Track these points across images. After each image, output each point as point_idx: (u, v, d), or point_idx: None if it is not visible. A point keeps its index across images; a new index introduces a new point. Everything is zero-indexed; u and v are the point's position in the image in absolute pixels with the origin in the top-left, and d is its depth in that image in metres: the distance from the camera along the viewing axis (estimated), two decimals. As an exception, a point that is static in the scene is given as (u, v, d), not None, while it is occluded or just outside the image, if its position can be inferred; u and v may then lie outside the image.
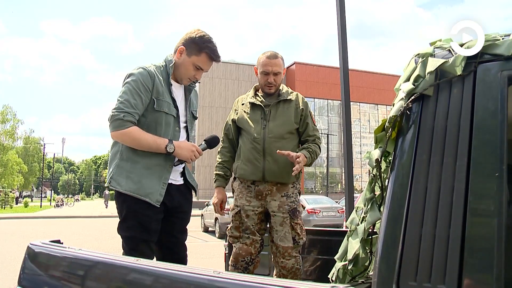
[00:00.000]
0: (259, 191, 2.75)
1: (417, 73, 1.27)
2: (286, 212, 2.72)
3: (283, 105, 2.83)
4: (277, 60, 2.80)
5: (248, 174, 2.76)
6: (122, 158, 2.32)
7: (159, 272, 1.41)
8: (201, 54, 2.39)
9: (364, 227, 1.44)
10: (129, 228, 2.26)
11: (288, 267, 2.68)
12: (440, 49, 1.30)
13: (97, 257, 1.58)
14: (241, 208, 2.77)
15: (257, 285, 1.21)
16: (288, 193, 2.77)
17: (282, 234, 2.70)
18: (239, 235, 2.77)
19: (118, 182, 2.28)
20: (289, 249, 2.68)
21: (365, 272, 1.52)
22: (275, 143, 2.72)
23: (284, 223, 2.71)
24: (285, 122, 2.79)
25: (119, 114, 2.22)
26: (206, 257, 8.74)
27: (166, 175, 2.35)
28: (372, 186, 1.46)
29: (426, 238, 1.11)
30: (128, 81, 2.30)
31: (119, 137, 2.28)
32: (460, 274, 1.04)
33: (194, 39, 2.38)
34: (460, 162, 1.12)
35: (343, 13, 5.27)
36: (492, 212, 1.06)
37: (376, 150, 1.39)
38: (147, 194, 2.26)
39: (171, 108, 2.37)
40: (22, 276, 1.73)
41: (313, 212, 15.59)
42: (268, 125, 2.76)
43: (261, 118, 2.79)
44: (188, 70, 2.41)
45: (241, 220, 2.76)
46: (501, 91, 1.12)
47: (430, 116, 1.21)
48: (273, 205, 2.74)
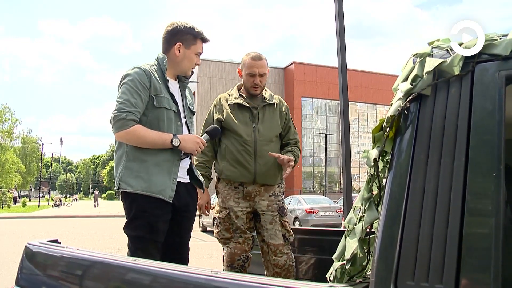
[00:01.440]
0: (248, 192, 2.79)
1: (415, 73, 1.27)
2: (275, 211, 2.79)
3: (269, 108, 2.88)
4: (262, 62, 2.84)
5: (236, 176, 2.78)
6: (129, 159, 2.31)
7: (158, 272, 1.41)
8: (197, 41, 2.47)
9: (362, 227, 1.44)
10: (137, 227, 2.25)
11: (281, 264, 2.71)
12: (438, 49, 1.30)
13: (95, 257, 1.58)
14: (230, 210, 2.78)
15: (255, 285, 1.21)
16: (275, 193, 2.84)
17: (273, 232, 2.76)
18: (230, 236, 2.79)
19: (128, 183, 2.26)
20: (280, 246, 2.73)
21: (363, 271, 1.52)
22: (265, 146, 2.78)
23: (274, 221, 2.77)
24: (273, 125, 2.86)
25: (121, 114, 2.22)
26: (204, 257, 8.73)
27: (176, 170, 2.36)
28: (370, 186, 1.46)
29: (424, 238, 1.11)
30: (125, 81, 2.31)
31: (124, 137, 2.26)
32: (458, 274, 1.04)
33: (185, 31, 2.43)
34: (458, 161, 1.12)
35: (341, 13, 5.28)
36: (489, 211, 1.06)
37: (374, 149, 1.39)
38: (160, 191, 2.26)
39: (170, 104, 2.37)
40: (20, 276, 1.73)
41: (311, 211, 15.61)
42: (258, 128, 2.80)
43: (250, 120, 2.82)
44: (192, 60, 2.48)
45: (231, 222, 2.78)
46: (499, 91, 1.12)
47: (428, 115, 1.21)
48: (262, 205, 2.79)
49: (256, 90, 2.85)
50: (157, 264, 1.46)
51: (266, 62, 2.88)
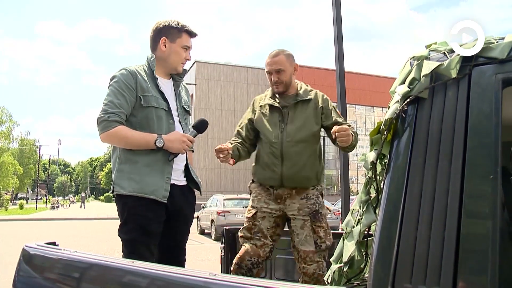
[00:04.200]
0: (278, 194, 2.64)
1: (413, 76, 1.27)
2: (307, 215, 2.60)
3: (301, 106, 2.68)
4: (277, 58, 2.67)
5: (265, 179, 2.66)
6: (121, 162, 2.32)
7: (155, 274, 1.41)
8: (182, 34, 2.46)
9: (359, 229, 1.44)
10: (129, 231, 2.25)
11: (310, 273, 2.53)
12: (435, 52, 1.31)
13: (93, 259, 1.57)
14: (258, 210, 2.66)
15: (252, 287, 1.20)
16: (308, 195, 2.65)
17: (303, 238, 2.58)
18: (250, 236, 2.65)
19: (120, 185, 2.27)
20: (311, 253, 2.55)
21: (360, 274, 1.52)
22: (293, 148, 2.60)
23: (305, 226, 2.59)
24: (304, 124, 2.64)
25: (104, 115, 2.24)
26: (202, 259, 8.71)
27: (169, 170, 2.34)
28: (367, 189, 1.47)
29: (421, 240, 1.11)
30: (111, 83, 2.33)
31: (107, 138, 2.27)
32: (455, 276, 1.04)
33: (169, 26, 2.44)
34: (455, 164, 1.13)
35: (339, 16, 5.29)
36: (487, 214, 1.06)
37: (372, 152, 1.39)
38: (152, 191, 2.25)
39: (159, 102, 2.36)
40: (17, 278, 1.72)
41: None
42: (286, 128, 2.63)
43: (279, 120, 2.67)
44: (180, 54, 2.46)
45: (255, 222, 2.65)
46: (496, 93, 1.13)
47: (425, 118, 1.22)
48: (293, 208, 2.63)
49: (277, 87, 2.70)
50: (155, 267, 1.46)
51: (286, 57, 2.68)
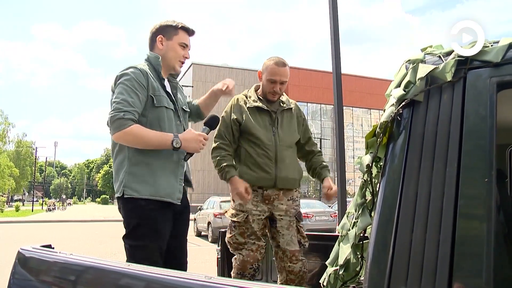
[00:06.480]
0: (268, 195, 2.68)
1: (408, 79, 1.28)
2: (293, 216, 2.71)
3: (286, 113, 2.81)
4: (285, 69, 2.73)
5: (256, 180, 2.66)
6: (131, 164, 2.20)
7: (151, 277, 1.40)
8: (178, 32, 2.42)
9: (355, 232, 1.45)
10: (141, 236, 2.14)
11: (296, 271, 2.62)
12: (431, 55, 1.31)
13: (89, 262, 1.57)
14: (249, 213, 2.66)
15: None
16: (293, 197, 2.75)
17: (289, 238, 2.66)
18: (244, 241, 2.66)
19: (134, 188, 2.16)
20: (296, 252, 2.64)
21: (356, 277, 1.52)
22: (285, 151, 2.70)
23: (291, 226, 2.69)
24: (290, 131, 2.78)
25: (118, 114, 2.11)
26: (199, 262, 8.69)
27: (181, 171, 2.30)
28: (363, 192, 1.47)
29: (416, 243, 1.11)
30: (121, 81, 2.20)
31: (122, 138, 2.14)
32: (450, 279, 1.05)
33: (165, 25, 2.42)
34: (450, 167, 1.13)
35: (335, 19, 5.31)
36: (482, 216, 1.07)
37: (367, 155, 1.39)
38: (168, 194, 2.20)
39: (169, 103, 2.31)
40: (12, 281, 1.71)
41: (306, 216, 15.57)
42: (278, 132, 2.71)
43: (269, 124, 2.73)
44: (177, 51, 2.41)
45: (247, 226, 2.65)
46: (490, 97, 1.14)
47: (420, 121, 1.22)
48: (280, 209, 2.69)
49: (274, 97, 2.77)
50: (151, 269, 1.45)
51: (289, 69, 2.77)
